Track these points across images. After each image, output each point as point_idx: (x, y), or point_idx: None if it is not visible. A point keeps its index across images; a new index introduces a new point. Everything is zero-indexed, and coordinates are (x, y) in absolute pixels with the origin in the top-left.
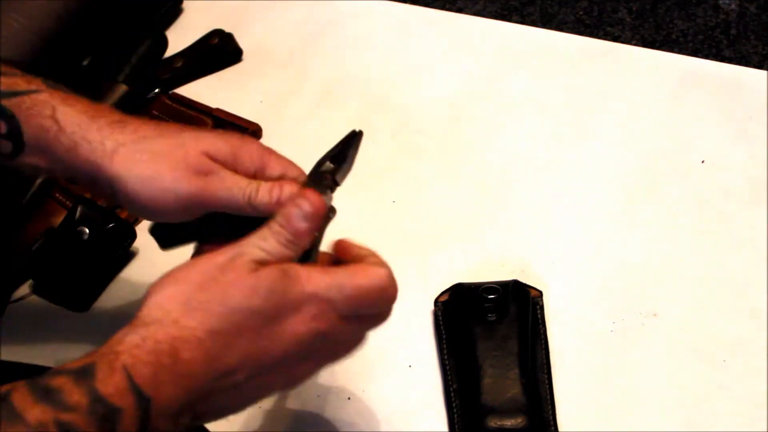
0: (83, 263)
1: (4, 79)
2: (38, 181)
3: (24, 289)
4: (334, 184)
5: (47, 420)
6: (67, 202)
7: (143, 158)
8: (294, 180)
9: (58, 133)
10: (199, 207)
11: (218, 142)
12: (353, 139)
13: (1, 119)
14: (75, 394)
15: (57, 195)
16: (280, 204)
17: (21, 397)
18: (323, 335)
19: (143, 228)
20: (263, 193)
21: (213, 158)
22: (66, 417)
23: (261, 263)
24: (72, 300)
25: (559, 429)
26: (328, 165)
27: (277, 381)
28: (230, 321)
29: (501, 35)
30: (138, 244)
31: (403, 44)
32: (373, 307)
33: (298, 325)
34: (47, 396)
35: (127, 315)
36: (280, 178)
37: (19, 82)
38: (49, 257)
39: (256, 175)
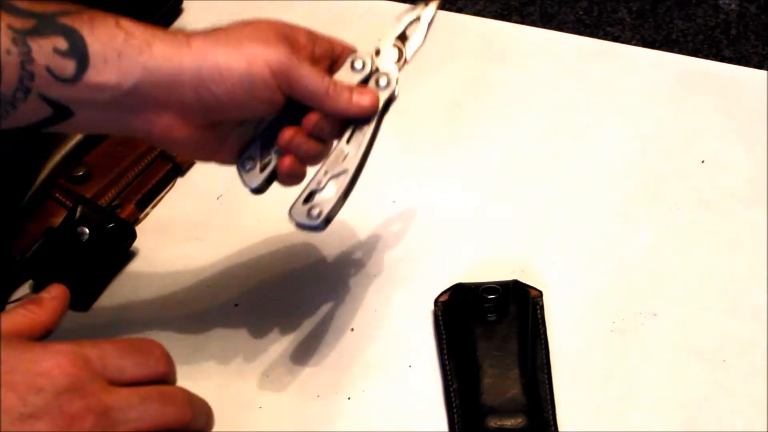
0: (83, 263)
1: (54, 5)
2: (38, 181)
3: (24, 289)
4: (404, 63)
5: None
6: (67, 202)
7: (221, 43)
8: (371, 91)
9: (127, 37)
10: (283, 82)
11: (298, 32)
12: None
13: (60, 35)
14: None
15: (57, 195)
16: (356, 109)
17: None
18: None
19: (143, 228)
20: (342, 91)
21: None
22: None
23: None
24: (72, 300)
25: (559, 429)
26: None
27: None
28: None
29: (501, 35)
30: (138, 244)
31: None
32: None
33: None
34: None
35: (127, 315)
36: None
37: (69, 7)
38: (49, 257)
39: (330, 54)
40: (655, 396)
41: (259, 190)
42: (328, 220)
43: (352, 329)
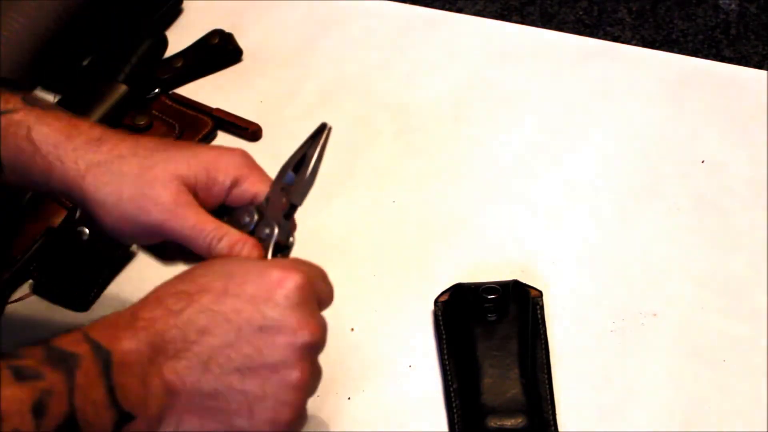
0: (83, 263)
1: None
2: None
3: (24, 289)
4: (292, 209)
5: None
6: (67, 202)
7: (111, 181)
8: (253, 242)
9: (34, 153)
10: (161, 238)
11: (192, 162)
12: (317, 139)
13: None
14: (30, 349)
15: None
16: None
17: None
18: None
19: None
20: (224, 245)
21: (185, 181)
22: (19, 363)
23: None
24: (72, 300)
25: (559, 429)
26: (288, 178)
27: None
28: (194, 281)
29: (501, 35)
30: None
31: (403, 44)
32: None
33: (251, 288)
34: (2, 356)
35: None
36: (254, 196)
37: None
38: (49, 257)
39: (231, 188)
40: (655, 396)
41: None
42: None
43: (352, 329)
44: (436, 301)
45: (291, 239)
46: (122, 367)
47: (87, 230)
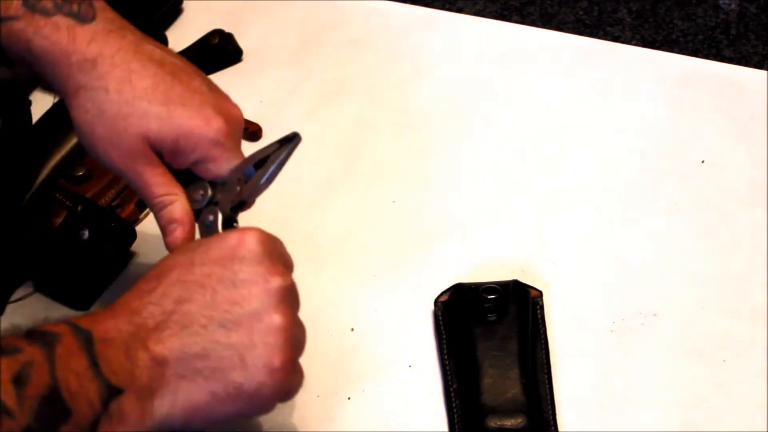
0: (83, 263)
1: None
2: (38, 181)
3: (24, 289)
4: (241, 204)
5: None
6: (67, 202)
7: (90, 111)
8: (189, 235)
9: (33, 64)
10: (124, 179)
11: (164, 127)
12: (285, 146)
13: None
14: (8, 333)
15: (57, 195)
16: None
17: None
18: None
19: (143, 228)
20: (163, 216)
21: (150, 143)
22: None
23: None
24: (72, 300)
25: (559, 429)
26: (249, 171)
27: (236, 339)
28: (158, 266)
29: (501, 35)
30: (138, 244)
31: (403, 44)
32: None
33: (216, 256)
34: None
35: None
36: (216, 176)
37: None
38: (49, 257)
39: (195, 164)
40: (655, 396)
41: None
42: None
43: (352, 329)
44: (436, 301)
45: (235, 225)
46: (104, 343)
47: (87, 230)
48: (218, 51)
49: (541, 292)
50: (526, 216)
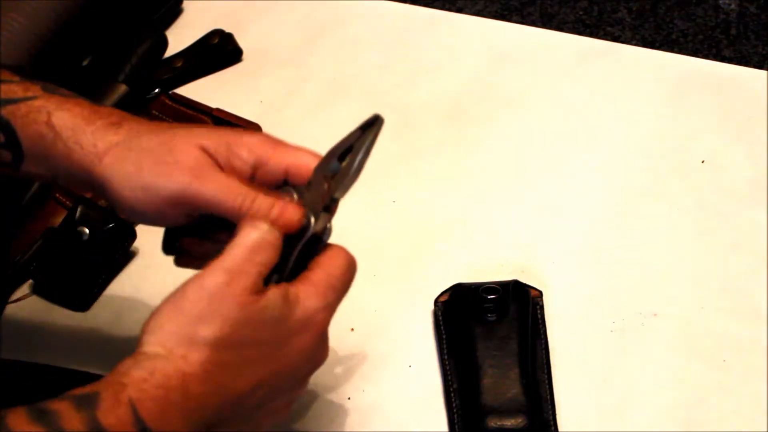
0: (83, 263)
1: (2, 87)
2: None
3: (24, 289)
4: (332, 202)
5: None
6: (67, 202)
7: (129, 156)
8: (294, 203)
9: (55, 139)
10: (186, 207)
11: (212, 135)
12: (368, 131)
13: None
14: (73, 420)
15: (57, 195)
16: (277, 225)
17: (17, 417)
18: (324, 337)
19: (143, 228)
20: (260, 206)
21: (207, 150)
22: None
23: (256, 290)
24: (72, 300)
25: (559, 429)
26: (334, 167)
27: (285, 400)
28: (239, 353)
29: (501, 35)
30: (138, 244)
31: (403, 44)
32: (350, 282)
33: (307, 342)
34: (43, 418)
35: (127, 315)
36: (286, 172)
37: (16, 89)
38: (49, 257)
39: (257, 169)
40: (655, 396)
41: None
42: None
43: (352, 329)
44: (436, 301)
45: (328, 226)
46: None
47: (87, 230)
48: (218, 51)
49: (541, 292)
50: (527, 216)
